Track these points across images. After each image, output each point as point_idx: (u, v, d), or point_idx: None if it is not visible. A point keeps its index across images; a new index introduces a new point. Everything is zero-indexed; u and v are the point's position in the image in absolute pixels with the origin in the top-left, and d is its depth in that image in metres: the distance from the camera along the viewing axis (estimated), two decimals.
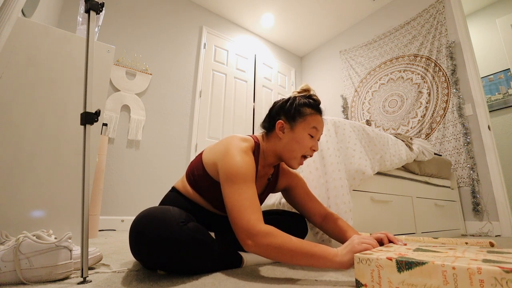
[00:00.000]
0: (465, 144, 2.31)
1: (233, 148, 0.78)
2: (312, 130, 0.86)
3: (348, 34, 3.68)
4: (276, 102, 0.94)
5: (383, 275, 0.50)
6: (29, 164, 1.10)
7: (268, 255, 0.65)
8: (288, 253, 0.65)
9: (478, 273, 0.41)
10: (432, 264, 0.45)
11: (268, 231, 0.66)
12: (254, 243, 0.65)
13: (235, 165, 0.75)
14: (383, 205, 1.49)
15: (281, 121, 0.88)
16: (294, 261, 0.65)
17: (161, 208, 0.70)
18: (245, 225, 0.66)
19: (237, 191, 0.71)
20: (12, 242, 0.64)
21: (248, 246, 0.66)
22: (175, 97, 2.87)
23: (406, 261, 0.48)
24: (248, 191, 0.72)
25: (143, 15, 2.82)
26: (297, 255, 0.65)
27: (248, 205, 0.69)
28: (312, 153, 0.89)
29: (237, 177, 0.73)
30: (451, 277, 0.43)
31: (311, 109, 0.88)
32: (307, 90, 0.93)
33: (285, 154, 0.88)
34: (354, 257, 0.56)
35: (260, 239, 0.65)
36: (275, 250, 0.64)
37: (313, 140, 0.88)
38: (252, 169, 0.77)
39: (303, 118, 0.86)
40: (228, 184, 0.73)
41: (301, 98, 0.90)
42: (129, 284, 0.62)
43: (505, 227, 2.06)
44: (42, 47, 1.22)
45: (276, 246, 0.64)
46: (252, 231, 0.65)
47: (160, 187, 2.58)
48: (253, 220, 0.67)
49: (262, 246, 0.65)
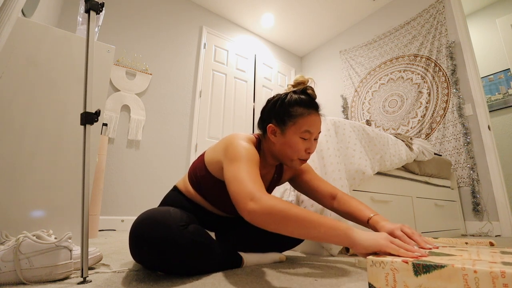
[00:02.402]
0: (465, 144, 2.31)
1: (236, 140, 0.76)
2: (304, 133, 0.79)
3: (348, 34, 3.68)
4: (269, 101, 0.88)
5: (399, 279, 0.47)
6: (29, 164, 1.10)
7: (271, 221, 0.58)
8: (294, 220, 0.57)
9: (502, 277, 0.39)
10: (452, 267, 0.43)
11: (272, 196, 0.60)
12: (258, 205, 0.58)
13: (238, 148, 0.72)
14: (383, 205, 1.49)
15: (272, 124, 0.82)
16: (300, 230, 0.57)
17: (161, 211, 0.70)
18: (248, 190, 0.61)
19: (239, 167, 0.67)
20: (12, 242, 0.64)
21: (250, 209, 0.58)
22: (175, 97, 2.87)
23: (424, 264, 0.45)
24: (251, 169, 0.67)
25: (143, 15, 2.82)
26: (304, 222, 0.57)
27: (250, 178, 0.64)
28: (308, 155, 0.83)
29: (240, 157, 0.69)
30: (472, 281, 0.41)
31: (303, 107, 0.80)
32: (302, 82, 0.86)
33: (281, 158, 0.84)
34: (368, 259, 0.51)
35: (264, 201, 0.58)
36: (279, 215, 0.57)
37: (308, 142, 0.81)
38: (256, 156, 0.73)
39: (293, 121, 0.79)
40: (231, 163, 0.69)
41: (293, 95, 0.82)
42: (129, 284, 0.62)
43: (505, 227, 2.06)
44: (42, 47, 1.22)
45: (281, 209, 0.57)
46: (256, 193, 0.59)
47: (160, 187, 2.58)
48: (257, 186, 0.62)
49: (265, 208, 0.57)
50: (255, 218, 0.59)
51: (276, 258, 0.92)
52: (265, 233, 0.90)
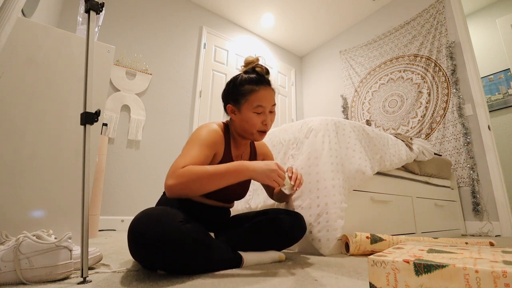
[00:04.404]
0: (465, 144, 2.31)
1: (200, 128, 0.87)
2: (256, 108, 0.87)
3: (348, 34, 3.68)
4: (226, 85, 0.96)
5: (400, 279, 0.47)
6: (29, 164, 1.10)
7: (187, 186, 0.68)
8: (206, 177, 0.69)
9: (504, 276, 0.39)
10: (453, 267, 0.43)
11: (185, 165, 0.70)
12: (172, 179, 0.68)
13: (196, 133, 0.83)
14: (383, 205, 1.49)
15: (230, 105, 0.92)
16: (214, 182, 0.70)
17: (159, 209, 0.70)
18: (172, 170, 0.70)
19: (185, 149, 0.77)
20: (12, 242, 0.64)
21: (170, 186, 0.69)
22: (175, 97, 2.87)
23: (425, 263, 0.46)
24: (196, 151, 0.76)
25: (143, 15, 2.82)
26: (215, 176, 0.70)
27: (185, 158, 0.73)
28: (266, 127, 0.90)
29: (191, 141, 0.80)
30: (473, 281, 0.41)
31: (253, 85, 0.88)
32: (252, 61, 0.93)
33: (243, 133, 0.92)
34: (368, 259, 0.52)
35: (177, 173, 0.68)
36: (193, 177, 0.68)
37: (262, 115, 0.89)
38: (212, 139, 0.83)
39: (245, 99, 0.88)
40: (184, 146, 0.79)
41: (243, 75, 0.90)
42: (129, 284, 0.62)
43: (505, 227, 2.06)
44: (42, 47, 1.22)
45: (193, 172, 0.68)
46: (174, 170, 0.70)
47: (160, 187, 2.58)
48: (182, 165, 0.71)
49: (178, 178, 0.68)
50: (173, 190, 0.69)
51: (275, 258, 0.92)
52: (264, 232, 0.90)
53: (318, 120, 1.33)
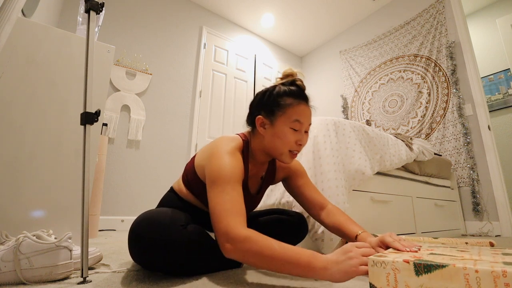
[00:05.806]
0: (465, 144, 2.31)
1: (218, 151, 0.75)
2: (294, 123, 0.78)
3: (348, 34, 3.68)
4: (257, 94, 0.86)
5: (400, 279, 0.47)
6: (29, 164, 1.10)
7: (247, 261, 0.60)
8: (269, 260, 0.58)
9: (503, 276, 0.39)
10: (453, 267, 0.43)
11: (247, 235, 0.60)
12: (233, 247, 0.60)
13: (218, 167, 0.71)
14: (383, 205, 1.49)
15: (261, 116, 0.81)
16: (277, 268, 0.58)
17: (160, 211, 0.70)
18: (223, 229, 0.61)
19: (220, 193, 0.67)
20: (12, 242, 0.64)
21: (226, 250, 0.61)
22: (175, 97, 2.87)
23: (425, 264, 0.46)
24: (231, 193, 0.67)
25: (143, 15, 2.82)
26: (279, 262, 0.57)
27: (229, 208, 0.64)
28: (299, 147, 0.81)
29: (220, 179, 0.69)
30: (474, 281, 0.41)
31: (292, 98, 0.79)
32: (291, 74, 0.84)
33: (272, 152, 0.82)
34: (368, 259, 0.51)
35: (238, 244, 0.59)
36: (255, 256, 0.58)
37: (298, 133, 0.79)
38: (238, 170, 0.72)
39: (282, 111, 0.78)
40: (212, 187, 0.69)
41: (282, 86, 0.81)
42: (129, 284, 0.62)
43: (505, 227, 2.06)
44: (42, 47, 1.22)
45: (256, 251, 0.58)
46: (231, 234, 0.60)
47: (160, 187, 2.58)
48: (233, 223, 0.62)
49: (240, 251, 0.59)
50: (232, 257, 0.61)
51: None
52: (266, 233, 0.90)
53: (317, 120, 1.33)
